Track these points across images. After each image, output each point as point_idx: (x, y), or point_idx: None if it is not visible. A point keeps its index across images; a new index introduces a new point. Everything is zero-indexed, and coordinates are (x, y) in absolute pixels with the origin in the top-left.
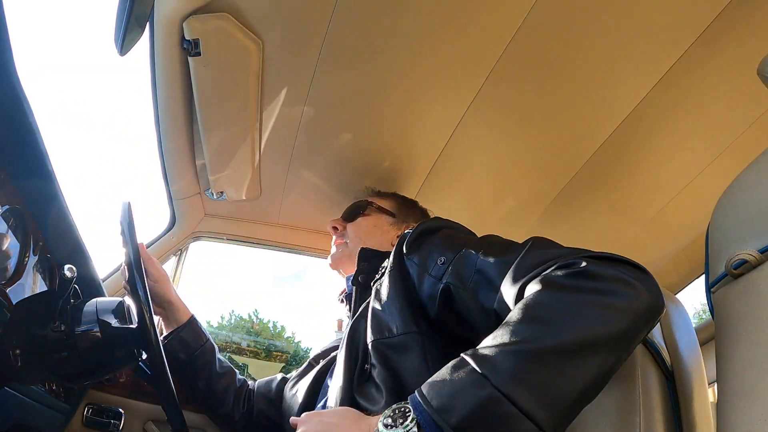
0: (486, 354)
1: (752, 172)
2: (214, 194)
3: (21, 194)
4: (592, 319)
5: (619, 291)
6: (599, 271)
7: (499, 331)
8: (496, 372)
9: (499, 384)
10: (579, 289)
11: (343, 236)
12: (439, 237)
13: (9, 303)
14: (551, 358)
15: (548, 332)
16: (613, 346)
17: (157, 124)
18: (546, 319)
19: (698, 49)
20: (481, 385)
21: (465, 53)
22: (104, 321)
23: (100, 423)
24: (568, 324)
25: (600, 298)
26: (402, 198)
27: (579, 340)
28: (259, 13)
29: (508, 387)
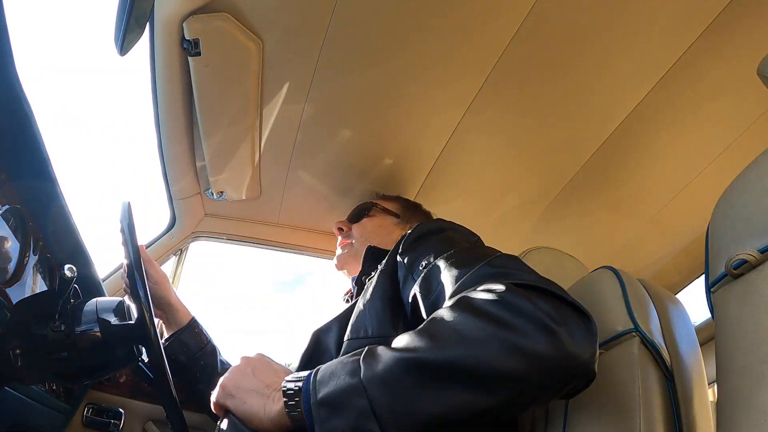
0: (378, 352)
1: (752, 172)
2: (214, 194)
3: (21, 194)
4: (485, 352)
5: (530, 333)
6: (520, 305)
7: (403, 336)
8: (371, 368)
9: (366, 379)
10: (487, 317)
11: (348, 237)
12: (434, 240)
13: (9, 303)
14: (425, 372)
15: (434, 348)
16: (494, 388)
17: (157, 124)
18: (439, 336)
19: (698, 49)
20: (354, 374)
21: (465, 54)
22: (104, 320)
23: (100, 423)
24: (456, 347)
25: (505, 333)
26: (406, 200)
27: (459, 366)
28: (259, 13)
29: (373, 384)
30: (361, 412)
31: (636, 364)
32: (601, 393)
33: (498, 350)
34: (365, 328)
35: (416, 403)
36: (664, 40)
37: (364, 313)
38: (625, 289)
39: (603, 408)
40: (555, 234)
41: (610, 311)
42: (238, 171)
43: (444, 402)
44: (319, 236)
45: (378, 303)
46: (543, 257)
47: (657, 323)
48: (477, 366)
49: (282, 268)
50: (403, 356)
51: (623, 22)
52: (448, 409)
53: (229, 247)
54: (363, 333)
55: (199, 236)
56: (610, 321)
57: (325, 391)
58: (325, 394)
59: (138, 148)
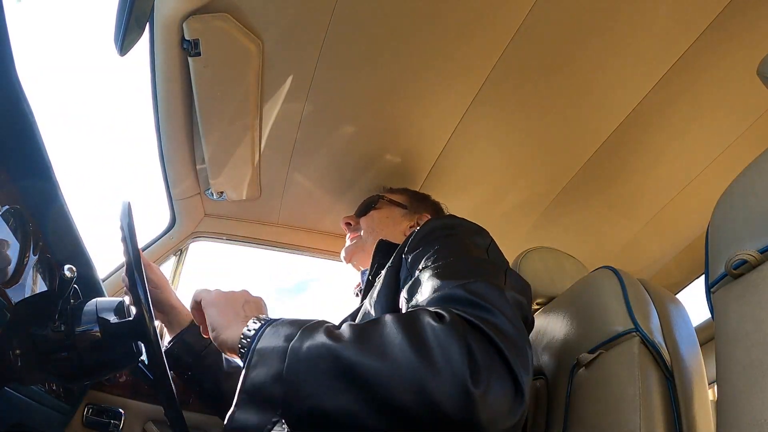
0: (317, 329)
1: (752, 172)
2: (214, 194)
3: (21, 194)
4: (394, 376)
5: (445, 382)
6: (453, 349)
7: (347, 326)
8: (302, 340)
9: (292, 348)
10: (418, 344)
11: (356, 230)
12: (438, 241)
13: (9, 303)
14: (337, 366)
15: (356, 349)
16: (382, 411)
17: (157, 125)
18: (367, 340)
19: (698, 49)
20: (288, 339)
21: (465, 53)
22: (103, 319)
23: (100, 423)
24: (374, 358)
25: (422, 369)
26: (413, 192)
27: (365, 376)
28: (259, 13)
29: (294, 355)
30: (275, 374)
31: (636, 364)
32: (602, 393)
33: (406, 381)
34: None
35: (317, 390)
36: (664, 39)
37: (369, 315)
38: (625, 289)
39: (603, 408)
40: (555, 233)
41: (610, 311)
42: (238, 171)
43: (337, 401)
44: (319, 236)
45: (383, 301)
46: (543, 257)
47: (657, 323)
48: (379, 384)
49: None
50: (327, 343)
51: (624, 22)
52: (337, 409)
53: (228, 252)
54: None
55: (199, 236)
56: (610, 321)
57: (263, 343)
58: (262, 345)
59: (138, 148)
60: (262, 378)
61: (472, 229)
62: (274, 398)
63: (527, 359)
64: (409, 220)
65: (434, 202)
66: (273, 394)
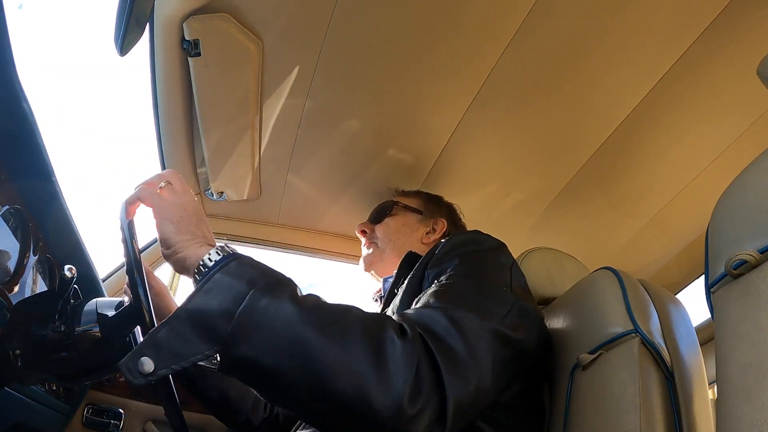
0: (284, 288)
1: (752, 172)
2: (214, 194)
3: (21, 194)
4: (343, 364)
5: (384, 393)
6: (403, 366)
7: (315, 296)
8: (265, 291)
9: (254, 294)
10: (377, 348)
11: (372, 239)
12: (457, 259)
13: (9, 303)
14: (293, 331)
15: (316, 325)
16: (315, 390)
17: (157, 125)
18: (330, 320)
19: (698, 49)
20: (252, 283)
21: (465, 53)
22: (102, 314)
23: (100, 423)
24: (331, 339)
25: (370, 370)
26: (427, 194)
27: (314, 353)
28: (259, 13)
29: (253, 302)
30: (226, 311)
31: (636, 364)
32: (602, 394)
33: (351, 376)
34: None
35: (264, 344)
36: (664, 39)
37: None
38: (625, 290)
39: (603, 408)
40: (555, 233)
41: (610, 312)
42: (238, 171)
43: (279, 362)
44: (320, 236)
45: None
46: (543, 257)
47: (657, 324)
48: (325, 366)
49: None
50: (290, 308)
51: (624, 22)
52: (275, 369)
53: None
54: None
55: None
56: (610, 322)
57: (224, 275)
58: (221, 277)
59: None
60: (212, 308)
61: (495, 245)
62: (217, 332)
63: (472, 394)
64: (425, 226)
65: (448, 204)
66: (217, 328)
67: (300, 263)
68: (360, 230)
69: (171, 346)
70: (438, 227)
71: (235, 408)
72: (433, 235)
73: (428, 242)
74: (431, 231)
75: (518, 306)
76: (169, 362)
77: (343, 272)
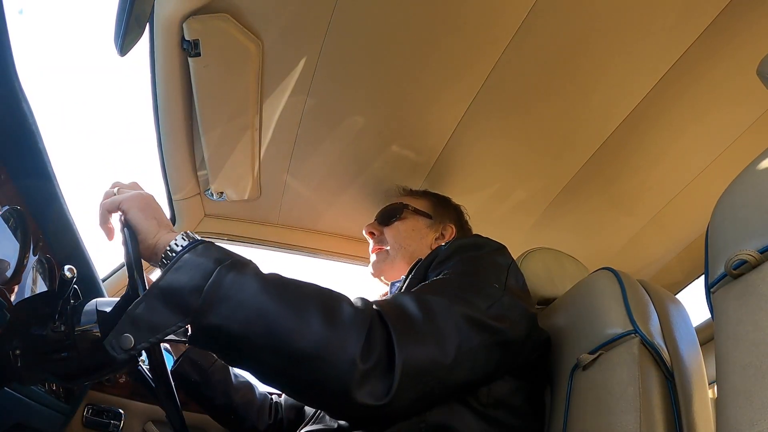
0: (250, 266)
1: (752, 172)
2: (214, 195)
3: (21, 194)
4: (299, 327)
5: (340, 350)
6: (358, 328)
7: (274, 274)
8: (231, 269)
9: (220, 272)
10: (331, 313)
11: (381, 242)
12: (457, 261)
13: (9, 303)
14: (259, 303)
15: (276, 293)
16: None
17: (156, 125)
18: (291, 293)
19: (698, 49)
20: (218, 262)
21: (465, 52)
22: (102, 311)
23: (99, 423)
24: (289, 308)
25: (327, 332)
26: (435, 196)
27: (277, 319)
28: (259, 14)
29: (221, 278)
30: (196, 286)
31: (636, 365)
32: (602, 394)
33: (309, 335)
34: None
35: (230, 313)
36: (664, 39)
37: None
38: (625, 290)
39: (603, 408)
40: (555, 233)
41: (610, 313)
42: (238, 171)
43: (243, 328)
44: (320, 236)
45: None
46: (543, 257)
47: (657, 324)
48: (285, 331)
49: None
50: (252, 281)
51: (624, 22)
52: (240, 333)
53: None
54: None
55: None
56: (610, 323)
57: (192, 255)
58: (190, 256)
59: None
60: (182, 284)
61: (494, 247)
62: (188, 305)
63: (425, 358)
64: (434, 231)
65: (456, 207)
66: (187, 302)
67: (300, 264)
68: (368, 231)
69: (147, 321)
70: (447, 233)
71: (241, 415)
72: (442, 240)
73: (437, 248)
74: (440, 237)
75: (505, 300)
76: (146, 336)
77: (344, 274)
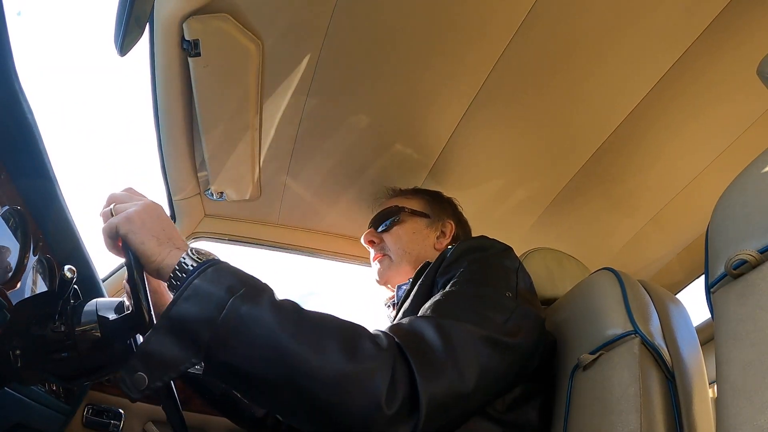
0: (264, 295)
1: (752, 172)
2: (214, 195)
3: (21, 194)
4: (320, 367)
5: (362, 391)
6: (382, 367)
7: (291, 303)
8: (245, 300)
9: (233, 303)
10: (352, 352)
11: (382, 249)
12: (465, 265)
13: (9, 303)
14: (271, 343)
15: (294, 330)
16: (291, 390)
17: (156, 125)
18: (309, 328)
19: (698, 49)
20: (231, 291)
21: (465, 52)
22: (103, 316)
23: (100, 423)
24: (307, 346)
25: (349, 372)
26: (427, 193)
27: (294, 360)
28: (259, 14)
29: (234, 311)
30: (208, 318)
31: (636, 365)
32: (603, 394)
33: (329, 381)
34: None
35: (244, 351)
36: (664, 39)
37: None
38: (625, 291)
39: (604, 408)
40: (555, 233)
41: (610, 314)
42: (238, 171)
43: (259, 368)
44: (320, 236)
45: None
46: (544, 257)
47: (657, 324)
48: (304, 373)
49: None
50: (268, 316)
51: (624, 22)
52: (256, 374)
53: (228, 256)
54: None
55: (199, 237)
56: (610, 324)
57: (203, 282)
58: (200, 283)
59: (138, 148)
60: (193, 316)
61: (501, 249)
62: (199, 339)
63: (448, 391)
64: (435, 230)
65: (449, 200)
66: (199, 335)
67: (301, 270)
68: (368, 241)
69: (159, 358)
70: (447, 230)
71: (240, 403)
72: (444, 239)
73: (441, 247)
74: (441, 235)
75: (519, 310)
76: (160, 374)
77: (345, 275)
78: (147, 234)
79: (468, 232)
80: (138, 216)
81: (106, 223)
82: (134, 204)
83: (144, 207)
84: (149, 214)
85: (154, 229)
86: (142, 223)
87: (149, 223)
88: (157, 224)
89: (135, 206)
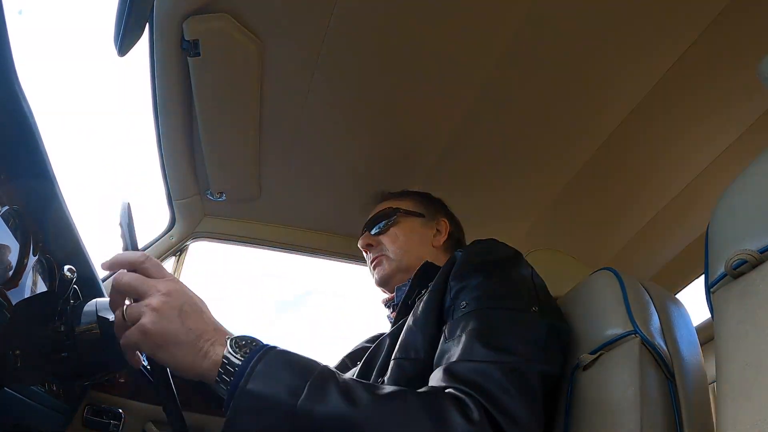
0: (328, 389)
1: (752, 172)
2: (213, 194)
3: (21, 194)
4: None
5: None
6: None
7: (362, 390)
8: (311, 401)
9: (302, 408)
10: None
11: (381, 251)
12: (485, 279)
13: (9, 303)
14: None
15: (375, 420)
16: None
17: (156, 125)
18: (389, 412)
19: (698, 49)
20: (294, 394)
21: (465, 52)
22: (103, 318)
23: (100, 423)
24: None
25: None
26: (417, 194)
27: None
28: (259, 14)
29: (303, 418)
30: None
31: (636, 365)
32: (602, 395)
33: None
34: (416, 349)
35: None
36: (664, 39)
37: (415, 332)
38: (625, 291)
39: (604, 409)
40: (555, 233)
41: (610, 314)
42: (237, 171)
43: None
44: (320, 236)
45: (428, 326)
46: (544, 258)
47: (657, 324)
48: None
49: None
50: (344, 410)
51: (624, 22)
52: None
53: (225, 265)
54: (414, 354)
55: (199, 236)
56: (610, 324)
57: (258, 385)
58: (256, 388)
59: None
60: (251, 427)
61: (511, 254)
62: None
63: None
64: (430, 228)
65: (438, 199)
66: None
67: (301, 271)
68: (365, 245)
69: None
70: (442, 228)
71: None
72: (440, 236)
73: (438, 245)
74: (437, 233)
75: (551, 332)
76: None
77: (345, 276)
78: (174, 346)
79: (461, 230)
80: (156, 327)
81: (124, 341)
82: (147, 303)
83: (160, 305)
84: (168, 314)
85: (179, 334)
86: (164, 332)
87: (173, 329)
88: (180, 325)
89: (149, 309)
